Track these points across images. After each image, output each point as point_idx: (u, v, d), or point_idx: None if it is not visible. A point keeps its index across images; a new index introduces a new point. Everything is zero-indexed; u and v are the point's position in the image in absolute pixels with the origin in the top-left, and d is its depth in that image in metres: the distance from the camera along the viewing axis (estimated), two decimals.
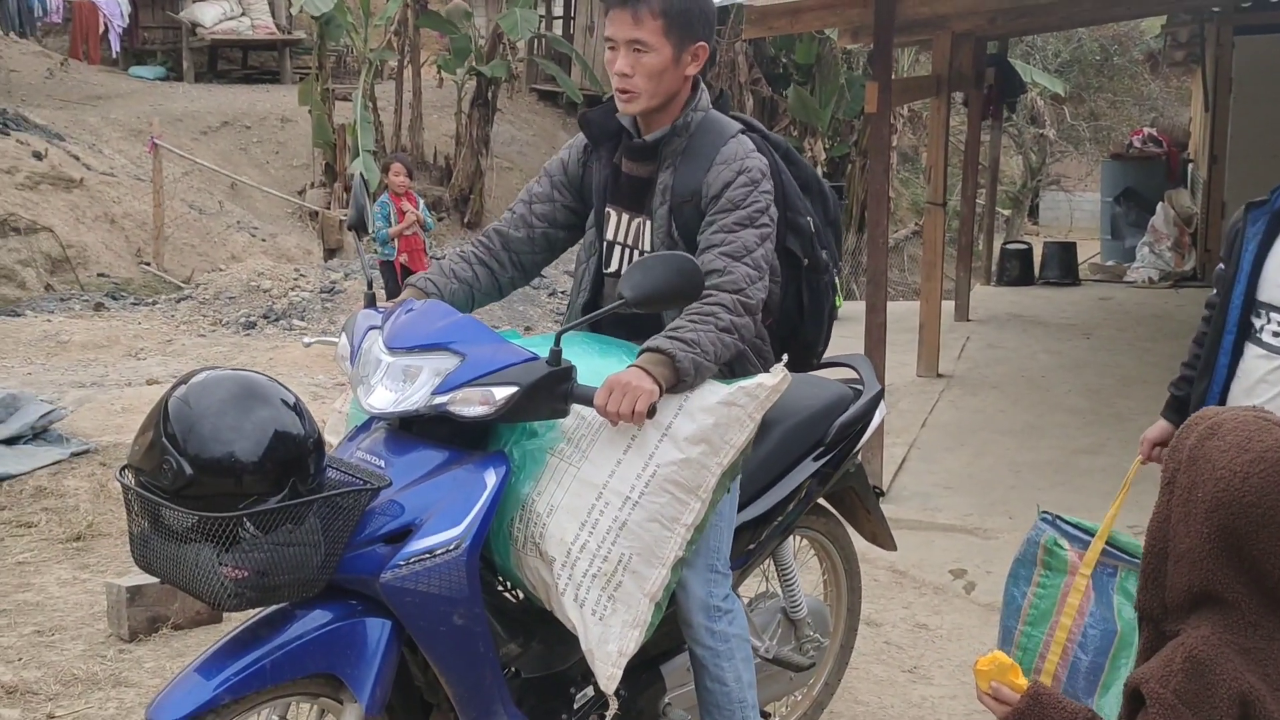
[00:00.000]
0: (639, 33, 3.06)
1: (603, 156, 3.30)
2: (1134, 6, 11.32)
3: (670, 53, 3.08)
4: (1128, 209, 15.48)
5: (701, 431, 2.90)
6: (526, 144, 22.42)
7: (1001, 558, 6.11)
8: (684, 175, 3.16)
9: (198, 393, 2.62)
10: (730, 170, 3.12)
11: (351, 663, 2.69)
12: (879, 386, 3.94)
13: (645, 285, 2.82)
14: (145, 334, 11.76)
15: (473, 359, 2.86)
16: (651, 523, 2.87)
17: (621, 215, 3.28)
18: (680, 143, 3.18)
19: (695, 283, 2.85)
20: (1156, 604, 2.02)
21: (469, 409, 2.81)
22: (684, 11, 3.07)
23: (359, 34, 19.06)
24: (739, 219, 3.09)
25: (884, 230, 6.92)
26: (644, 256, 2.99)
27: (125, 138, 18.39)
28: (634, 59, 3.08)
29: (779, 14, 6.84)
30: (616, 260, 3.29)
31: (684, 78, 3.15)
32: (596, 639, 2.85)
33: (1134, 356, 10.32)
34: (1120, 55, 23.63)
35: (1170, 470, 2.02)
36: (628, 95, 3.13)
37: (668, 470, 2.87)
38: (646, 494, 2.86)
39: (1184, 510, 1.97)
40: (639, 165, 3.25)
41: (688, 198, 3.15)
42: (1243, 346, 3.47)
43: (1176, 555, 1.97)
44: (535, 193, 3.42)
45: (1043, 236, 20.46)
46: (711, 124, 3.22)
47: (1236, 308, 3.46)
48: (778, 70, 20.29)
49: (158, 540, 2.61)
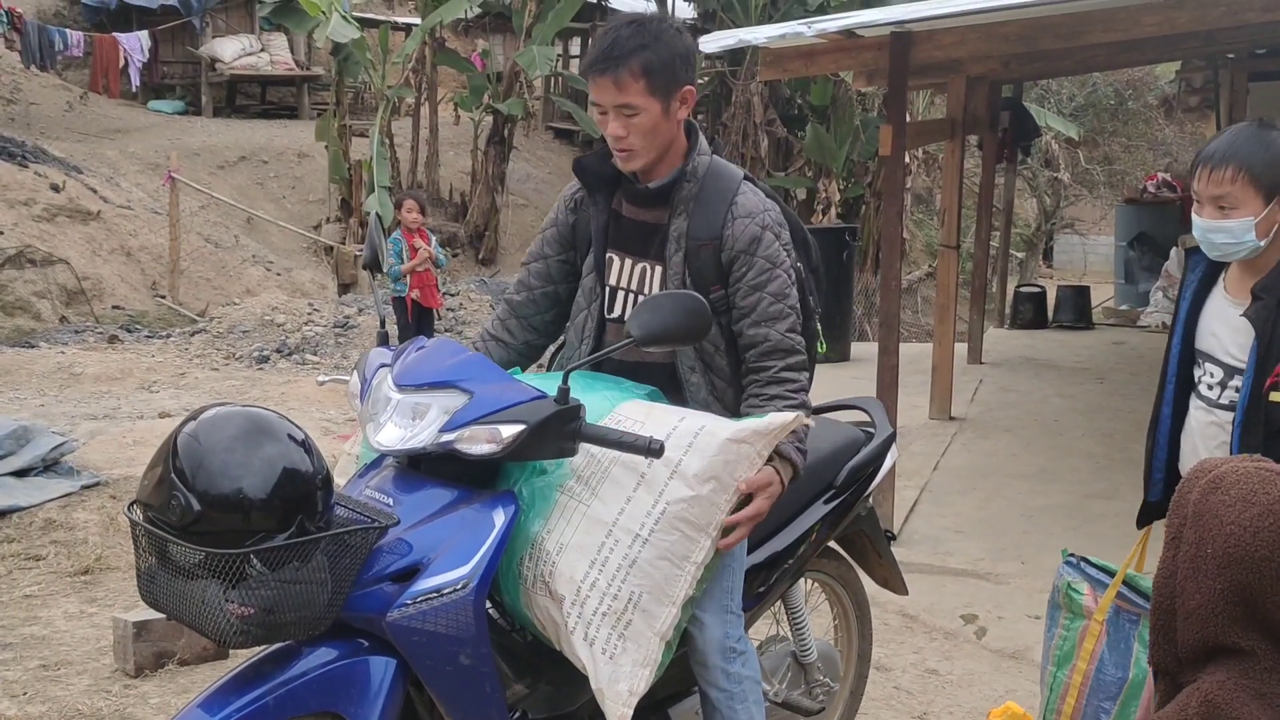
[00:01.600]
0: (624, 97, 3.05)
1: (599, 202, 3.29)
2: (1148, 52, 11.34)
3: (659, 108, 3.07)
4: (1141, 253, 15.45)
5: (711, 469, 2.88)
6: (542, 181, 22.51)
7: (1013, 603, 6.09)
8: (699, 221, 3.16)
9: (207, 429, 2.61)
10: (755, 225, 3.13)
11: (355, 701, 2.67)
12: (891, 429, 3.93)
13: (654, 325, 2.82)
14: (158, 367, 11.78)
15: (480, 397, 2.85)
16: (661, 560, 2.85)
17: (624, 260, 3.27)
18: (691, 188, 3.17)
19: (704, 322, 2.85)
20: (1169, 658, 2.00)
21: (476, 447, 2.80)
22: (665, 65, 3.05)
23: (377, 70, 19.19)
24: (784, 283, 3.13)
25: (897, 273, 6.91)
26: (652, 296, 2.98)
27: (143, 171, 18.51)
28: (625, 122, 3.07)
29: (794, 56, 6.86)
30: (619, 305, 3.28)
31: (677, 123, 3.15)
32: (607, 678, 2.84)
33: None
34: (1134, 100, 23.71)
35: (1175, 526, 2.00)
36: (626, 154, 3.13)
37: (677, 508, 2.85)
38: (657, 531, 2.84)
39: (1192, 567, 1.95)
40: (645, 210, 3.24)
41: (705, 242, 3.15)
42: (1186, 398, 3.40)
43: (1186, 611, 1.94)
44: (531, 253, 3.46)
45: (1056, 279, 20.47)
46: (719, 169, 3.22)
47: (1175, 356, 3.41)
48: (793, 111, 20.36)
49: (165, 576, 2.60)
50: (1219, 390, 3.30)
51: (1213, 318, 3.33)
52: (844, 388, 5.64)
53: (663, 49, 3.05)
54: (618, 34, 3.06)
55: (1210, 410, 3.32)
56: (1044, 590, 6.23)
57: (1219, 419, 3.30)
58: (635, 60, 3.02)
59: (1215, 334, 3.32)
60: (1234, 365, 3.26)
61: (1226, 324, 3.29)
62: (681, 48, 3.11)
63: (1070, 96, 23.01)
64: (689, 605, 2.93)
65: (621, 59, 3.02)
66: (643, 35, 3.05)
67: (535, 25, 18.89)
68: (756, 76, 18.50)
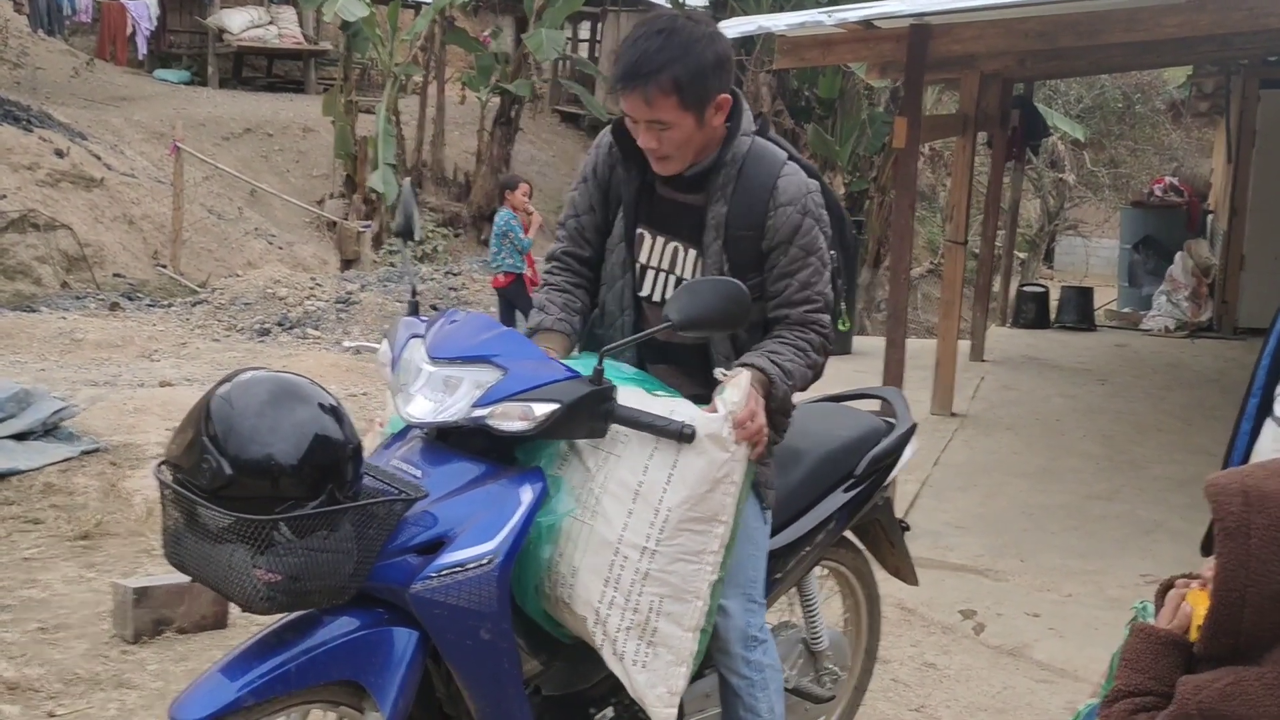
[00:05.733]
0: (655, 113, 2.93)
1: (632, 170, 3.18)
2: (1164, 55, 11.33)
3: (692, 121, 2.96)
4: (1146, 257, 15.45)
5: (711, 463, 2.84)
6: (546, 164, 22.47)
7: (1012, 600, 6.09)
8: (739, 207, 3.07)
9: (240, 392, 2.60)
10: (796, 212, 3.05)
11: (376, 671, 2.67)
12: (913, 421, 3.89)
13: (692, 310, 2.79)
14: (159, 336, 11.76)
15: (515, 373, 2.82)
16: (676, 564, 2.83)
17: (656, 238, 3.20)
18: (729, 172, 3.08)
19: (743, 309, 2.82)
20: (1228, 649, 1.98)
21: (508, 424, 2.78)
22: (697, 75, 2.91)
23: (385, 47, 19.13)
24: (816, 269, 3.08)
25: (907, 266, 6.90)
26: (692, 281, 2.93)
27: (147, 140, 18.46)
28: (657, 135, 2.97)
29: (811, 45, 6.83)
30: (649, 285, 3.22)
31: (713, 128, 3.04)
32: (644, 685, 2.85)
33: (1149, 405, 10.27)
34: (1143, 104, 23.68)
35: (1236, 518, 1.95)
36: (661, 162, 3.05)
37: (680, 511, 2.82)
38: (663, 540, 2.82)
39: (1274, 549, 1.91)
40: (680, 193, 3.15)
41: (745, 230, 3.07)
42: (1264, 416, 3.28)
43: (1265, 596, 1.91)
44: (578, 204, 3.32)
45: (1058, 281, 20.45)
46: (761, 152, 3.11)
47: (1263, 370, 3.29)
48: (800, 103, 20.32)
49: (191, 538, 2.59)
50: None
51: None
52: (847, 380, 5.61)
53: (693, 61, 2.91)
54: (646, 46, 2.92)
55: None
56: (1043, 588, 6.27)
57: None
58: (665, 75, 2.89)
59: None
60: None
61: None
62: (713, 56, 2.95)
63: (1078, 98, 22.98)
64: (717, 588, 2.91)
65: (650, 75, 2.89)
66: (671, 48, 2.90)
67: (545, 8, 18.84)
68: (765, 65, 18.49)
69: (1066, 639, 5.63)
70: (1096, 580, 6.37)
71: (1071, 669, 5.30)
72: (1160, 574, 6.58)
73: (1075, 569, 6.53)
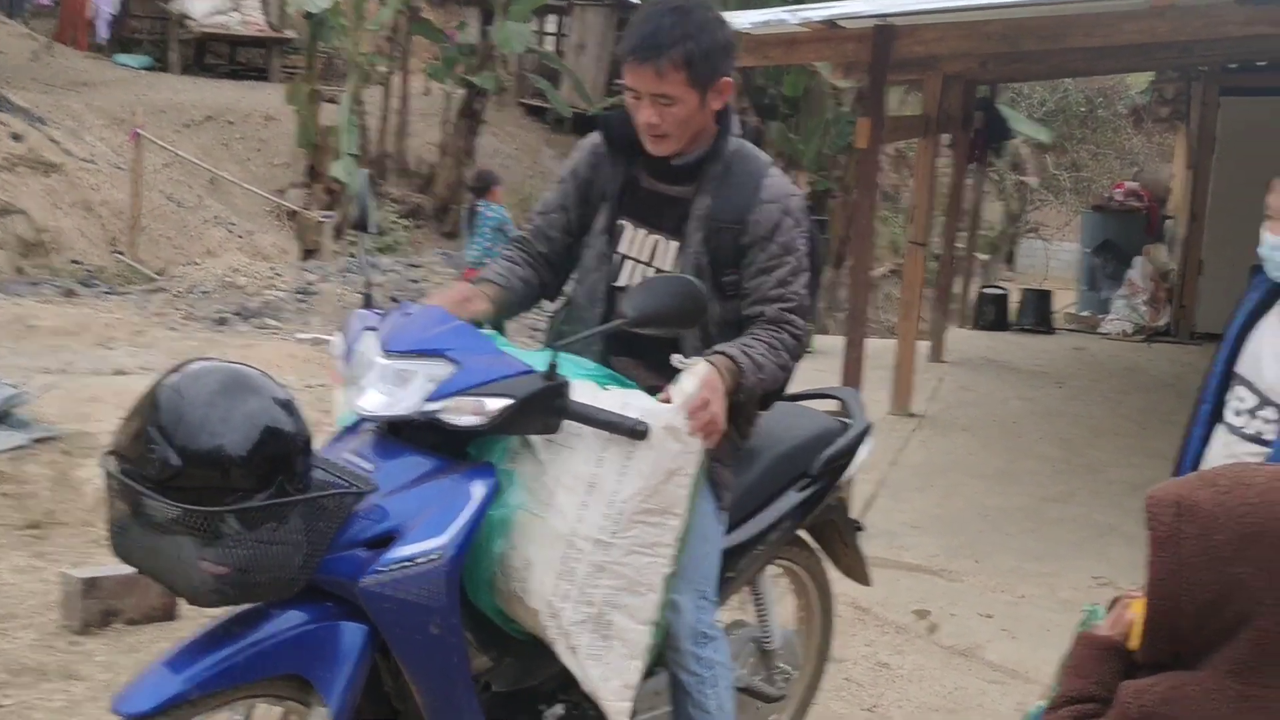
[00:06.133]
0: (664, 87, 3.00)
1: (618, 163, 3.24)
2: (1124, 60, 11.41)
3: (696, 99, 3.03)
4: (1106, 261, 15.54)
5: (665, 455, 2.84)
6: (510, 157, 22.38)
7: (966, 601, 6.12)
8: (724, 201, 3.12)
9: (190, 382, 2.57)
10: (777, 210, 3.11)
11: (323, 666, 2.66)
12: (868, 421, 3.92)
13: (647, 306, 2.81)
14: (116, 323, 11.63)
15: (468, 368, 2.82)
16: (630, 556, 2.84)
17: (637, 230, 3.23)
18: (717, 167, 3.14)
19: (698, 307, 2.84)
20: (1166, 655, 1.99)
21: (461, 418, 2.78)
22: (706, 55, 3.00)
23: (350, 37, 19.01)
24: (793, 269, 3.11)
25: (868, 266, 6.92)
26: (649, 278, 2.97)
27: (107, 125, 18.27)
28: (660, 111, 3.03)
29: (775, 44, 6.84)
30: (627, 275, 3.23)
31: (713, 113, 3.11)
32: (598, 679, 2.86)
33: (1106, 408, 10.35)
34: (1105, 108, 23.87)
35: (1167, 528, 1.97)
36: (658, 141, 3.09)
37: (634, 503, 2.82)
38: (618, 532, 2.82)
39: (1204, 558, 1.92)
40: (666, 185, 3.19)
41: (728, 224, 3.11)
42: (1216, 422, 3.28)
43: (1199, 605, 1.92)
44: (549, 202, 3.38)
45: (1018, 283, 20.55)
46: (747, 152, 3.19)
47: (1216, 377, 3.30)
48: (765, 101, 20.34)
49: (138, 530, 2.56)
50: (1246, 418, 3.19)
51: (1260, 343, 3.21)
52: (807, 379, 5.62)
53: (706, 40, 3.00)
54: (660, 21, 3.00)
55: (1231, 442, 3.21)
56: (997, 589, 6.30)
57: (1237, 454, 3.18)
58: (678, 50, 2.97)
59: (1258, 360, 3.20)
60: (1269, 395, 3.14)
61: (1273, 353, 3.17)
62: (723, 39, 3.07)
63: (1041, 101, 23.14)
64: (671, 581, 2.91)
65: (664, 48, 2.97)
66: (687, 25, 2.99)
67: (512, 2, 18.77)
68: None
69: (1019, 640, 5.66)
70: (1050, 582, 6.41)
71: (1023, 670, 5.33)
72: (1113, 577, 6.64)
73: (1029, 571, 6.57)
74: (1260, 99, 12.88)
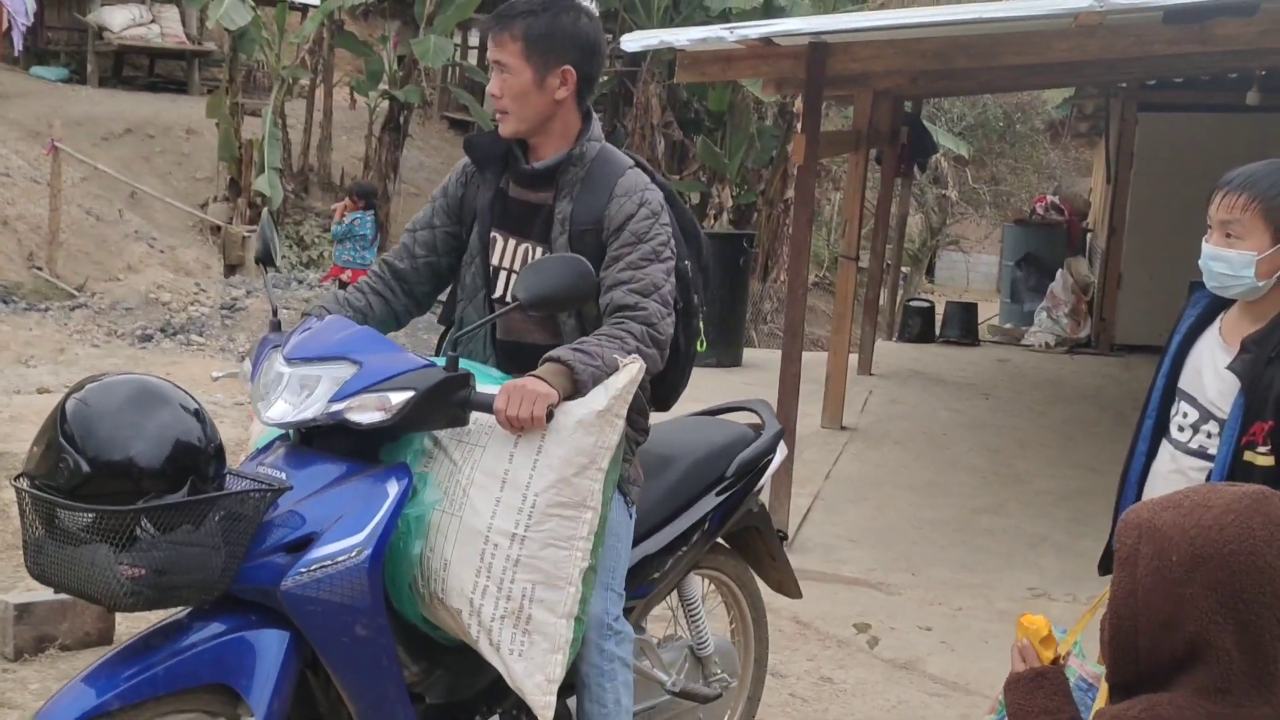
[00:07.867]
0: (502, 55, 3.17)
1: (488, 180, 3.33)
2: (1049, 77, 11.59)
3: (531, 75, 3.15)
4: (1028, 274, 15.77)
5: (576, 449, 2.88)
6: (434, 171, 22.26)
7: (904, 614, 6.16)
8: (583, 205, 3.21)
9: (97, 394, 2.59)
10: (631, 202, 3.18)
11: (248, 675, 2.65)
12: (779, 426, 4.06)
13: (539, 287, 2.89)
14: (36, 341, 11.42)
15: (369, 367, 2.88)
16: (546, 549, 2.87)
17: (508, 241, 3.30)
18: (578, 172, 3.23)
19: (589, 284, 2.94)
20: (1131, 675, 2.02)
21: (366, 415, 2.82)
22: (544, 35, 3.14)
23: (272, 50, 18.84)
24: (645, 254, 3.15)
25: (804, 281, 6.95)
26: (537, 260, 3.06)
27: (23, 138, 17.94)
28: (501, 81, 3.18)
29: (712, 61, 6.87)
30: (502, 286, 3.31)
31: (554, 102, 3.20)
32: (521, 674, 2.87)
33: (1031, 419, 10.48)
34: (1023, 123, 24.21)
35: (1129, 545, 2.01)
36: (501, 117, 3.22)
37: (548, 496, 2.86)
38: (533, 526, 2.86)
39: (1156, 579, 1.96)
40: (530, 192, 3.28)
41: (589, 227, 3.19)
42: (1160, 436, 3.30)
43: (1155, 625, 1.96)
44: (418, 220, 3.48)
45: (939, 295, 20.80)
46: (608, 155, 3.29)
47: (1158, 392, 3.31)
48: (690, 115, 20.41)
49: (53, 545, 2.55)
50: (1190, 433, 3.21)
51: (1201, 357, 3.23)
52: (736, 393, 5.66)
53: (548, 20, 3.16)
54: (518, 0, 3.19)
55: (1177, 456, 3.23)
56: (934, 602, 6.35)
57: (1183, 467, 3.20)
58: (519, 23, 3.14)
59: (1199, 374, 3.21)
60: (1210, 410, 3.16)
61: (1214, 368, 3.18)
62: (572, 28, 3.19)
63: (960, 116, 23.42)
64: (590, 575, 2.95)
65: (508, 19, 3.16)
66: (536, 5, 3.17)
67: (436, 15, 18.69)
68: (660, 78, 18.54)
69: (958, 652, 5.71)
70: (985, 593, 6.48)
71: (964, 682, 5.38)
72: (1046, 586, 6.73)
73: (964, 582, 6.64)
74: (1177, 115, 13.16)
